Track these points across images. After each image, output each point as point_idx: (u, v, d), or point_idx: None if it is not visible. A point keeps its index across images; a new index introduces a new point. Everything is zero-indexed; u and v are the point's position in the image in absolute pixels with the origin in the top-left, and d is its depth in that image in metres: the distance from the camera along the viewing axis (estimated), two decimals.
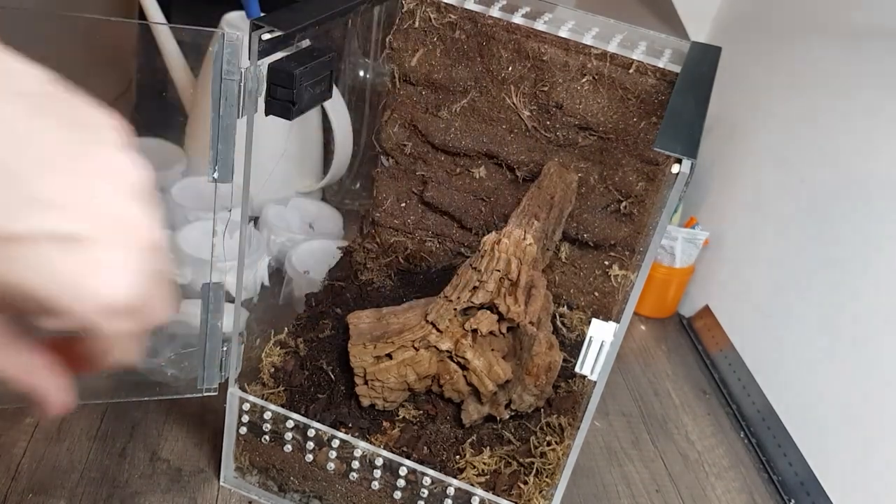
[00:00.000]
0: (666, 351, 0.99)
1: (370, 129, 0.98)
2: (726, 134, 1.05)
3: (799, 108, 0.93)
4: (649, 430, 0.85)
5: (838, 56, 0.88)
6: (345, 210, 1.02)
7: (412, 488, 0.60)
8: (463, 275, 0.60)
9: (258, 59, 0.52)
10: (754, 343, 0.93)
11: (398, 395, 0.63)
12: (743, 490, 0.80)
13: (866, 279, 0.78)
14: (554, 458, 0.63)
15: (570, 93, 0.68)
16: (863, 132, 0.83)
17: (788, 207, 0.92)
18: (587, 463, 0.79)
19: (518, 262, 0.59)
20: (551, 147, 0.72)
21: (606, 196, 0.72)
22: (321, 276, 0.80)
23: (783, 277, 0.90)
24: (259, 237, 0.93)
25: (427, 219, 0.78)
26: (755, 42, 1.05)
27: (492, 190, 0.75)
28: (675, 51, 0.66)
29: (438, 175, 0.76)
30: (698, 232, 1.00)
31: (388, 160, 0.78)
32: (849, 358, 0.78)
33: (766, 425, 0.86)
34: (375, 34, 0.98)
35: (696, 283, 1.05)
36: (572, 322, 0.78)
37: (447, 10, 0.68)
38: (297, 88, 0.53)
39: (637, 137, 0.69)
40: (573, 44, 0.66)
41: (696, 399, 0.92)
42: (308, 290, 0.77)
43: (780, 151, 0.95)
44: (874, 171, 0.80)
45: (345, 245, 0.84)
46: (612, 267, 0.76)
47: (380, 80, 0.97)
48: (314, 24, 0.54)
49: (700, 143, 0.46)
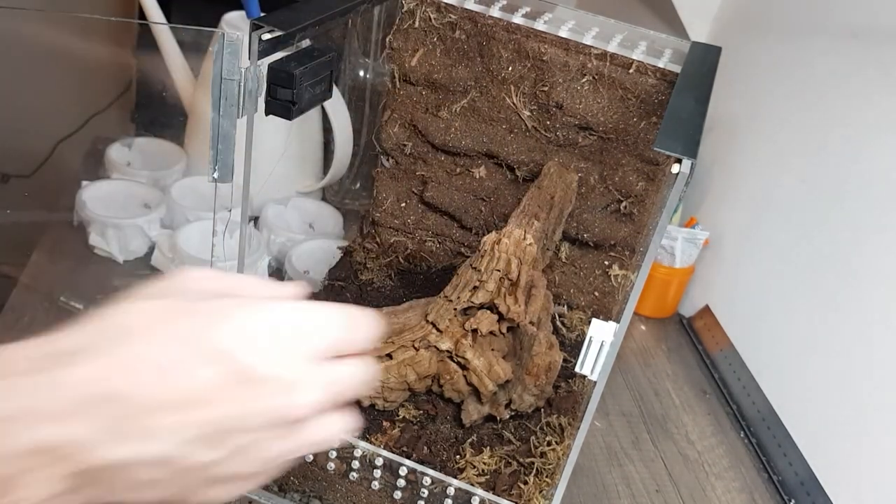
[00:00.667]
0: (666, 351, 0.99)
1: (370, 129, 0.98)
2: (726, 134, 1.05)
3: (799, 107, 0.93)
4: (649, 430, 0.85)
5: (838, 56, 0.88)
6: (345, 210, 1.02)
7: (412, 488, 0.60)
8: (463, 275, 0.60)
9: (258, 59, 0.52)
10: (754, 343, 0.93)
11: (398, 394, 0.63)
12: (743, 490, 0.80)
13: (866, 278, 0.78)
14: (554, 458, 0.63)
15: (570, 93, 0.68)
16: (863, 132, 0.83)
17: (788, 207, 0.92)
18: (587, 463, 0.79)
19: (518, 262, 0.59)
20: (551, 147, 0.72)
21: (606, 196, 0.72)
22: (321, 276, 0.80)
23: (783, 277, 0.90)
24: (259, 237, 0.93)
25: (427, 219, 0.78)
26: (755, 42, 1.05)
27: (492, 190, 0.75)
28: (676, 51, 0.66)
29: (438, 175, 0.76)
30: (698, 232, 1.00)
31: (388, 160, 0.78)
32: (849, 358, 0.78)
33: (766, 425, 0.86)
34: (375, 34, 0.98)
35: (696, 283, 1.05)
36: (572, 322, 0.78)
37: (447, 10, 0.68)
38: (297, 88, 0.53)
39: (637, 137, 0.69)
40: (573, 44, 0.66)
41: (696, 399, 0.92)
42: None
43: (780, 151, 0.95)
44: (874, 170, 0.80)
45: (345, 245, 0.84)
46: (612, 267, 0.76)
47: (380, 80, 0.97)
48: (314, 24, 0.54)
49: (700, 143, 0.46)
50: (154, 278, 0.35)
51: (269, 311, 0.32)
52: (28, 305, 0.82)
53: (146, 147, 1.04)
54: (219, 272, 0.36)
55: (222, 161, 0.56)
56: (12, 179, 1.16)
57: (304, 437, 0.33)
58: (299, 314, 0.33)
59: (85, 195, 0.92)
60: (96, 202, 0.92)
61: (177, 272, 0.34)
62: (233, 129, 0.55)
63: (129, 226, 0.90)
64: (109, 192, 0.95)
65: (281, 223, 0.96)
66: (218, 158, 0.56)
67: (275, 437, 0.32)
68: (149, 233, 0.92)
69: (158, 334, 0.31)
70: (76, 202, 0.92)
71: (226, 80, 0.53)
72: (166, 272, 0.91)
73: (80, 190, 0.93)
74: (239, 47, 0.52)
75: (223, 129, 0.54)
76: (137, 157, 1.02)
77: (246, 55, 0.52)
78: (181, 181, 0.98)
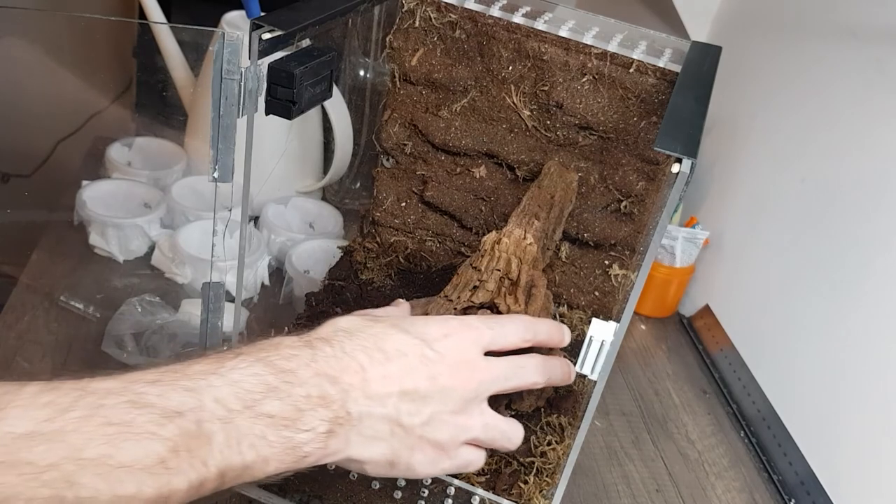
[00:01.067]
0: (666, 350, 0.99)
1: (370, 129, 0.98)
2: (726, 134, 1.05)
3: (799, 107, 0.93)
4: (649, 430, 0.85)
5: (838, 55, 0.88)
6: (345, 210, 1.02)
7: (412, 488, 0.60)
8: (463, 274, 0.60)
9: (258, 58, 0.52)
10: (754, 343, 0.93)
11: None
12: (743, 490, 0.80)
13: (867, 278, 0.78)
14: (554, 457, 0.63)
15: (570, 92, 0.68)
16: (863, 131, 0.83)
17: (788, 207, 0.92)
18: (587, 462, 0.79)
19: (518, 262, 0.59)
20: (551, 146, 0.72)
21: (607, 195, 0.72)
22: (321, 275, 0.80)
23: (783, 277, 0.90)
24: (259, 237, 0.93)
25: (427, 218, 0.78)
26: (755, 42, 1.05)
27: (492, 189, 0.75)
28: (676, 50, 0.66)
29: (438, 174, 0.75)
30: (698, 232, 1.00)
31: (389, 160, 0.78)
32: (849, 357, 0.78)
33: (766, 425, 0.86)
34: (375, 34, 0.98)
35: (696, 283, 1.05)
36: (572, 322, 0.78)
37: (447, 9, 0.68)
38: (297, 88, 0.53)
39: (637, 137, 0.69)
40: (573, 43, 0.66)
41: (696, 399, 0.92)
42: (308, 289, 0.77)
43: (780, 151, 0.95)
44: (874, 170, 0.80)
45: (345, 245, 0.84)
46: (613, 266, 0.75)
47: (380, 80, 0.97)
48: (314, 24, 0.54)
49: (700, 143, 0.46)
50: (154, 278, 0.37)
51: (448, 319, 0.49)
52: (28, 305, 0.82)
53: (146, 147, 1.04)
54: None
55: (222, 161, 0.56)
56: (12, 179, 1.16)
57: (479, 417, 0.47)
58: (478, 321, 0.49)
59: (85, 195, 0.92)
60: (96, 202, 0.92)
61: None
62: (233, 128, 0.55)
63: (129, 225, 0.90)
64: (109, 191, 0.95)
65: (281, 223, 0.96)
66: (218, 158, 0.56)
67: (458, 410, 0.46)
68: (149, 232, 0.92)
69: (382, 330, 0.46)
70: (76, 202, 0.92)
71: (226, 79, 0.53)
72: (166, 271, 0.90)
73: (81, 190, 0.93)
74: (239, 47, 0.52)
75: (223, 128, 0.54)
76: (137, 156, 1.02)
77: (246, 55, 0.52)
78: (181, 181, 0.98)
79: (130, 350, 0.77)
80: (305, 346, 0.43)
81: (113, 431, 0.34)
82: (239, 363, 0.40)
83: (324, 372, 0.42)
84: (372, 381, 0.43)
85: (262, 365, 0.40)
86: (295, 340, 0.43)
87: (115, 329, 0.78)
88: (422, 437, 0.45)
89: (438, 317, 0.50)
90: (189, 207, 0.93)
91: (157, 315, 0.80)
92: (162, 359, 0.76)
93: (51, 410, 0.33)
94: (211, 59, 0.53)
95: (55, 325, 0.80)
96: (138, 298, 0.81)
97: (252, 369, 0.40)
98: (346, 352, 0.43)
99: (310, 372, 0.41)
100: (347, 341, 0.44)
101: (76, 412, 0.33)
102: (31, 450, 0.32)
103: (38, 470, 0.31)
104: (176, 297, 0.85)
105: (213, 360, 0.40)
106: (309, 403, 0.40)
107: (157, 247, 0.91)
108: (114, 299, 0.83)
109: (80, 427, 0.33)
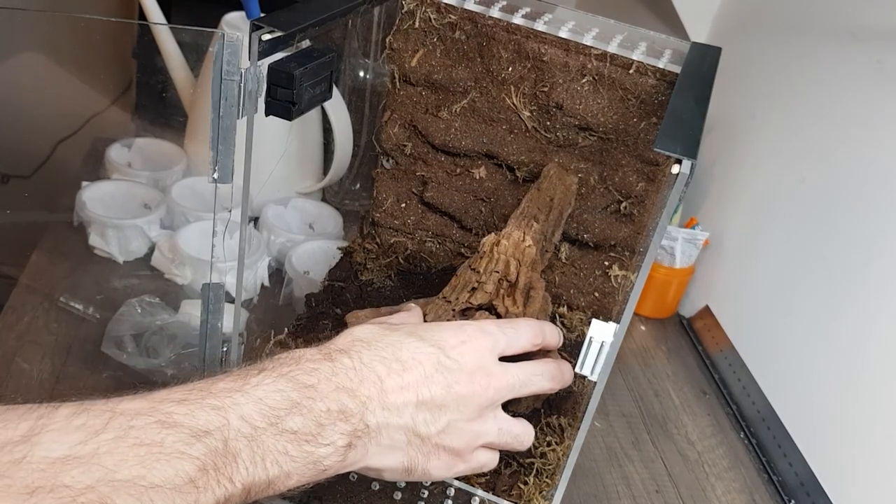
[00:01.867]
0: (666, 351, 0.99)
1: (370, 130, 0.98)
2: (726, 134, 1.05)
3: (799, 107, 0.93)
4: (649, 431, 0.85)
5: (838, 55, 0.88)
6: (345, 210, 1.02)
7: (412, 489, 0.60)
8: (461, 276, 0.60)
9: (258, 59, 0.52)
10: (754, 343, 0.93)
11: None
12: (743, 490, 0.80)
13: (866, 279, 0.78)
14: (554, 458, 0.63)
15: (570, 93, 0.68)
16: (863, 132, 0.83)
17: (788, 207, 0.92)
18: (587, 463, 0.79)
19: (517, 264, 0.59)
20: (551, 147, 0.72)
21: (606, 196, 0.72)
22: (321, 276, 0.80)
23: (783, 277, 0.90)
24: (259, 238, 0.93)
25: (427, 219, 0.78)
26: (756, 42, 1.05)
27: (492, 190, 0.75)
28: (676, 51, 0.66)
29: (438, 175, 0.75)
30: (698, 232, 1.00)
31: (388, 160, 0.78)
32: (849, 358, 0.78)
33: (766, 425, 0.86)
34: (375, 34, 0.98)
35: (696, 284, 1.05)
36: (572, 322, 0.78)
37: (447, 10, 0.68)
38: (297, 89, 0.53)
39: (637, 138, 0.69)
40: (573, 44, 0.66)
41: (696, 399, 0.92)
42: (308, 290, 0.77)
43: (780, 151, 0.95)
44: (874, 170, 0.80)
45: (345, 245, 0.84)
46: (612, 267, 0.75)
47: (380, 81, 0.97)
48: (314, 25, 0.54)
49: (700, 143, 0.46)
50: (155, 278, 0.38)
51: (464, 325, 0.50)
52: (28, 305, 0.82)
53: (146, 147, 1.04)
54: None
55: (222, 162, 0.56)
56: (12, 179, 1.16)
57: (494, 423, 0.48)
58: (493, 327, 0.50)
59: (85, 195, 0.92)
60: (96, 202, 0.92)
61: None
62: (233, 129, 0.55)
63: (129, 226, 0.90)
64: (109, 192, 0.95)
65: (281, 224, 0.96)
66: (218, 159, 0.56)
67: (473, 417, 0.47)
68: (149, 233, 0.92)
69: (399, 339, 0.47)
70: (76, 202, 0.92)
71: (226, 80, 0.53)
72: (165, 272, 0.90)
73: (80, 190, 0.93)
74: (239, 48, 0.52)
75: (223, 129, 0.54)
76: (137, 157, 1.02)
77: (246, 56, 0.52)
78: (181, 182, 0.98)
79: (130, 351, 0.77)
80: (325, 359, 0.44)
81: (144, 452, 0.34)
82: (262, 379, 0.41)
83: (343, 385, 0.43)
84: (389, 391, 0.44)
85: (286, 381, 0.41)
86: (315, 353, 0.44)
87: (115, 330, 0.78)
88: (438, 445, 0.46)
89: (454, 323, 0.50)
90: (189, 208, 0.93)
91: (157, 316, 0.80)
92: (181, 371, 0.76)
93: (84, 433, 0.33)
94: (211, 59, 0.53)
95: (55, 326, 0.80)
96: (138, 299, 0.81)
97: (275, 385, 0.41)
98: (364, 363, 0.44)
99: (331, 386, 0.42)
100: (365, 352, 0.45)
101: (108, 434, 0.34)
102: (68, 473, 0.32)
103: (74, 493, 0.32)
104: (176, 297, 0.85)
105: (238, 377, 0.41)
106: (329, 418, 0.41)
107: (156, 248, 0.91)
108: (113, 300, 0.83)
109: (113, 449, 0.34)
